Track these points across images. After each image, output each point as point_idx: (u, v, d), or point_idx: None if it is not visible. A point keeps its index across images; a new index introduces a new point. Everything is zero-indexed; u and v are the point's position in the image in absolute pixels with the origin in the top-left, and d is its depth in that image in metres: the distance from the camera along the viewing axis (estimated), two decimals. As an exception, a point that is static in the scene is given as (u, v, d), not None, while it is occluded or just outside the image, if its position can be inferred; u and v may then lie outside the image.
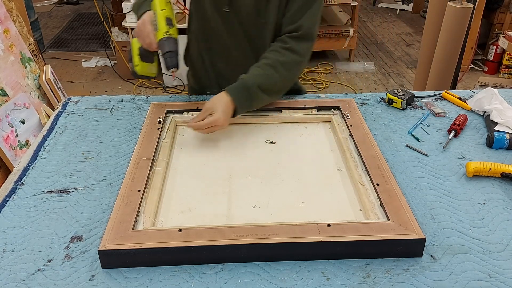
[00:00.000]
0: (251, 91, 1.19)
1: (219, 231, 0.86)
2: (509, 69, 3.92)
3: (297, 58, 1.26)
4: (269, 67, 1.23)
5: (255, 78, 1.20)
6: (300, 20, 1.26)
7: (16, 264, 0.86)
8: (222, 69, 1.42)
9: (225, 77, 1.41)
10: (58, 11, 5.86)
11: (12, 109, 2.03)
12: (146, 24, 1.22)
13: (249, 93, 1.19)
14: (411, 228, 0.87)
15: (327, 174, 1.10)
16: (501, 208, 1.00)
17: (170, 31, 1.21)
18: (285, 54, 1.25)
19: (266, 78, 1.22)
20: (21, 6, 2.63)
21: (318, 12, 1.29)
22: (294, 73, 1.30)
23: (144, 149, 1.12)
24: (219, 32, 1.34)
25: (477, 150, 1.20)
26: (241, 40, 1.34)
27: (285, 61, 1.24)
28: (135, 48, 1.29)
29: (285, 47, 1.25)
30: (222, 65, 1.41)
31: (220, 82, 1.44)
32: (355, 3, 4.11)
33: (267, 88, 1.22)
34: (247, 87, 1.19)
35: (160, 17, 1.21)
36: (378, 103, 1.43)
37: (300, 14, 1.26)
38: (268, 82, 1.22)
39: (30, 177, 1.09)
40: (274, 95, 1.28)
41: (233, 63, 1.38)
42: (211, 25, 1.34)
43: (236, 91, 1.19)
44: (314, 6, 1.26)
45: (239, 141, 1.23)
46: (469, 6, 2.48)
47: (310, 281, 0.82)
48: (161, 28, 1.21)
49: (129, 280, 0.82)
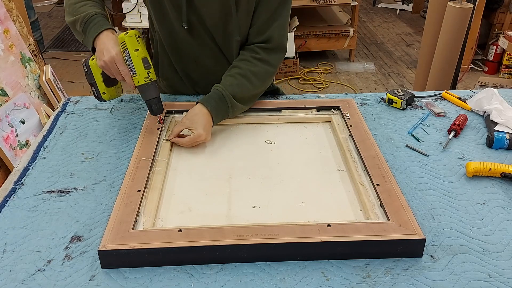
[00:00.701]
0: (227, 101, 1.20)
1: (219, 231, 0.86)
2: (509, 69, 3.92)
3: (269, 69, 1.27)
4: (242, 77, 1.23)
5: (229, 89, 1.21)
6: (268, 32, 1.24)
7: (16, 264, 0.86)
8: (196, 77, 1.41)
9: (200, 84, 1.42)
10: (58, 11, 5.86)
11: (12, 109, 2.03)
12: (120, 64, 1.11)
13: (225, 104, 1.20)
14: (411, 228, 0.87)
15: (327, 174, 1.10)
16: (501, 208, 1.00)
17: (150, 75, 1.11)
18: (257, 64, 1.25)
19: (239, 87, 1.22)
20: (21, 6, 2.63)
21: (286, 23, 1.27)
22: (266, 83, 1.30)
23: (144, 149, 1.11)
24: (189, 44, 1.31)
25: (477, 150, 1.20)
26: (212, 50, 1.32)
27: (258, 71, 1.25)
28: (97, 73, 1.19)
29: (257, 57, 1.25)
30: (196, 74, 1.40)
31: (196, 88, 1.45)
32: (355, 3, 4.11)
33: (241, 97, 1.23)
34: (223, 98, 1.20)
35: (136, 61, 1.09)
36: (378, 103, 1.43)
37: (267, 26, 1.24)
38: (241, 92, 1.22)
39: (30, 177, 1.09)
40: (248, 104, 1.28)
41: (207, 71, 1.37)
42: (180, 37, 1.30)
43: (213, 103, 1.19)
44: (281, 18, 1.24)
45: (239, 141, 1.23)
46: (469, 6, 2.48)
47: (310, 281, 0.82)
48: (140, 74, 1.10)
49: (129, 281, 0.82)
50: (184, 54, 1.36)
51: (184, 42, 1.31)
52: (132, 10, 3.55)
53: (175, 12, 1.24)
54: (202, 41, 1.30)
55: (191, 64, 1.38)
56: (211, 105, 1.19)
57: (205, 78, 1.38)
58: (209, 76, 1.33)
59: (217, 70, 1.31)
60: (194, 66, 1.38)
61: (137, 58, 1.10)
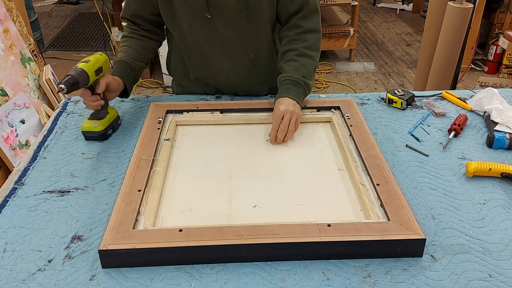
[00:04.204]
0: (301, 84, 1.24)
1: (219, 231, 0.86)
2: (509, 69, 3.91)
3: (317, 36, 1.30)
4: (301, 56, 1.26)
5: (297, 73, 1.24)
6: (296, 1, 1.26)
7: (17, 264, 0.86)
8: (206, 78, 1.42)
9: (209, 83, 1.43)
10: (58, 11, 5.86)
11: (12, 109, 2.03)
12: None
13: (300, 87, 1.25)
14: (412, 228, 0.87)
15: (327, 174, 1.10)
16: (502, 208, 1.00)
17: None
18: (306, 38, 1.27)
19: (304, 67, 1.26)
20: (21, 6, 2.63)
21: None
22: (319, 48, 1.33)
23: (144, 149, 1.12)
24: (200, 42, 1.32)
25: (477, 150, 1.20)
26: (225, 47, 1.32)
27: (310, 44, 1.28)
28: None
29: (301, 31, 1.27)
30: (204, 74, 1.41)
31: (206, 90, 1.46)
32: (355, 3, 4.11)
33: (309, 74, 1.28)
34: (299, 83, 1.24)
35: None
36: (378, 103, 1.43)
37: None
38: (307, 70, 1.27)
39: (30, 177, 1.09)
40: (314, 75, 1.33)
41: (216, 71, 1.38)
42: (190, 39, 1.32)
43: (291, 91, 1.23)
44: None
45: (239, 141, 1.23)
46: (469, 6, 2.48)
47: (310, 281, 0.82)
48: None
49: (129, 280, 0.82)
50: (193, 54, 1.37)
51: (194, 42, 1.32)
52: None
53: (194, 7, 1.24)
54: (216, 39, 1.30)
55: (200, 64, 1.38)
56: (291, 93, 1.22)
57: (213, 79, 1.40)
58: (218, 75, 1.36)
59: (225, 69, 1.34)
60: (204, 66, 1.38)
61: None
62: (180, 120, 1.29)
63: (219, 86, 1.44)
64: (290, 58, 1.26)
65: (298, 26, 1.27)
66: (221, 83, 1.42)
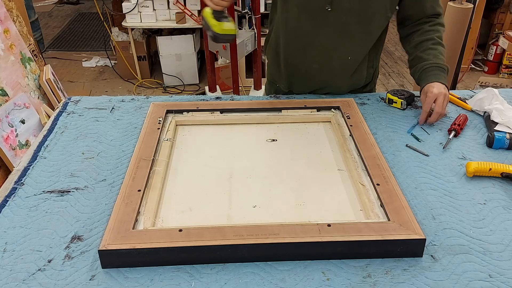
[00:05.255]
0: (445, 69, 1.34)
1: (219, 231, 0.86)
2: (509, 69, 3.92)
3: (443, 28, 1.41)
4: (437, 45, 1.37)
5: (439, 60, 1.34)
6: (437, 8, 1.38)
7: (17, 263, 0.86)
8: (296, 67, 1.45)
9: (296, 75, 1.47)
10: (58, 11, 5.86)
11: (12, 109, 2.03)
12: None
13: (444, 72, 1.34)
14: (412, 228, 0.87)
15: (327, 174, 1.10)
16: (502, 208, 1.00)
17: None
18: (438, 29, 1.39)
19: (442, 55, 1.37)
20: (21, 6, 2.63)
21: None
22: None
23: (144, 149, 1.11)
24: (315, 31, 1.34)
25: (478, 150, 1.20)
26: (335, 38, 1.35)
27: (441, 35, 1.40)
28: (208, 14, 1.24)
29: (434, 23, 1.39)
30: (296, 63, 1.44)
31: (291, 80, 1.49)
32: (355, 3, 4.10)
33: (445, 60, 1.37)
34: (444, 69, 1.34)
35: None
36: (378, 103, 1.43)
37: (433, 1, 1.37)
38: (444, 57, 1.37)
39: (30, 177, 1.09)
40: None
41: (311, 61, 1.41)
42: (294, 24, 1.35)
43: (439, 77, 1.31)
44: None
45: (239, 141, 1.23)
46: (469, 6, 2.49)
47: (310, 281, 0.82)
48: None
49: (129, 280, 0.82)
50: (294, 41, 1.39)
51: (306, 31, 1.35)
52: (132, 10, 3.56)
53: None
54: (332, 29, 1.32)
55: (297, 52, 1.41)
56: (440, 78, 1.31)
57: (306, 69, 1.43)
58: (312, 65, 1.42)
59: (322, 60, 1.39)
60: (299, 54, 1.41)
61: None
62: (180, 120, 1.29)
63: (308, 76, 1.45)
64: (428, 47, 1.36)
65: (430, 20, 1.38)
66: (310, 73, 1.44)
